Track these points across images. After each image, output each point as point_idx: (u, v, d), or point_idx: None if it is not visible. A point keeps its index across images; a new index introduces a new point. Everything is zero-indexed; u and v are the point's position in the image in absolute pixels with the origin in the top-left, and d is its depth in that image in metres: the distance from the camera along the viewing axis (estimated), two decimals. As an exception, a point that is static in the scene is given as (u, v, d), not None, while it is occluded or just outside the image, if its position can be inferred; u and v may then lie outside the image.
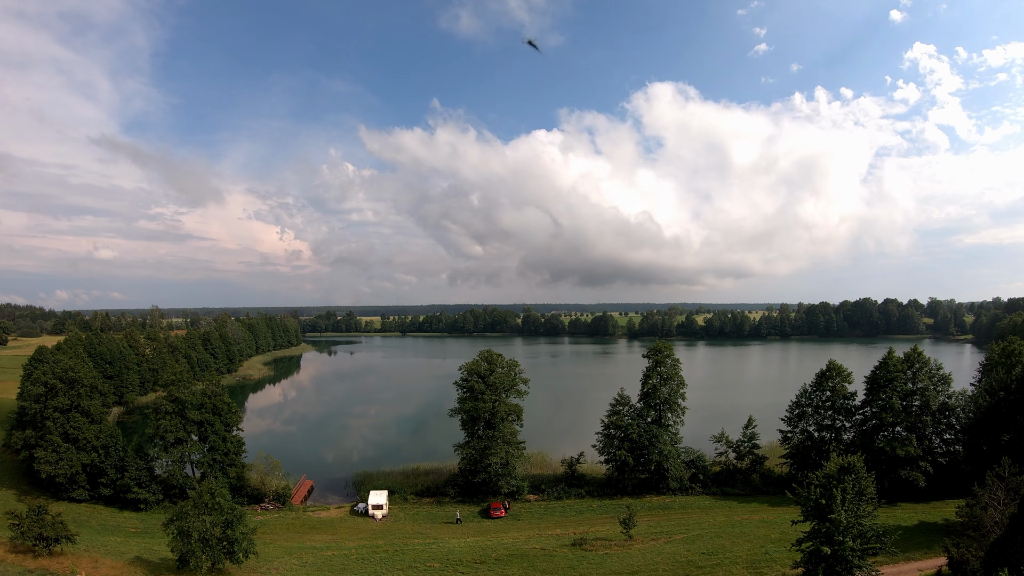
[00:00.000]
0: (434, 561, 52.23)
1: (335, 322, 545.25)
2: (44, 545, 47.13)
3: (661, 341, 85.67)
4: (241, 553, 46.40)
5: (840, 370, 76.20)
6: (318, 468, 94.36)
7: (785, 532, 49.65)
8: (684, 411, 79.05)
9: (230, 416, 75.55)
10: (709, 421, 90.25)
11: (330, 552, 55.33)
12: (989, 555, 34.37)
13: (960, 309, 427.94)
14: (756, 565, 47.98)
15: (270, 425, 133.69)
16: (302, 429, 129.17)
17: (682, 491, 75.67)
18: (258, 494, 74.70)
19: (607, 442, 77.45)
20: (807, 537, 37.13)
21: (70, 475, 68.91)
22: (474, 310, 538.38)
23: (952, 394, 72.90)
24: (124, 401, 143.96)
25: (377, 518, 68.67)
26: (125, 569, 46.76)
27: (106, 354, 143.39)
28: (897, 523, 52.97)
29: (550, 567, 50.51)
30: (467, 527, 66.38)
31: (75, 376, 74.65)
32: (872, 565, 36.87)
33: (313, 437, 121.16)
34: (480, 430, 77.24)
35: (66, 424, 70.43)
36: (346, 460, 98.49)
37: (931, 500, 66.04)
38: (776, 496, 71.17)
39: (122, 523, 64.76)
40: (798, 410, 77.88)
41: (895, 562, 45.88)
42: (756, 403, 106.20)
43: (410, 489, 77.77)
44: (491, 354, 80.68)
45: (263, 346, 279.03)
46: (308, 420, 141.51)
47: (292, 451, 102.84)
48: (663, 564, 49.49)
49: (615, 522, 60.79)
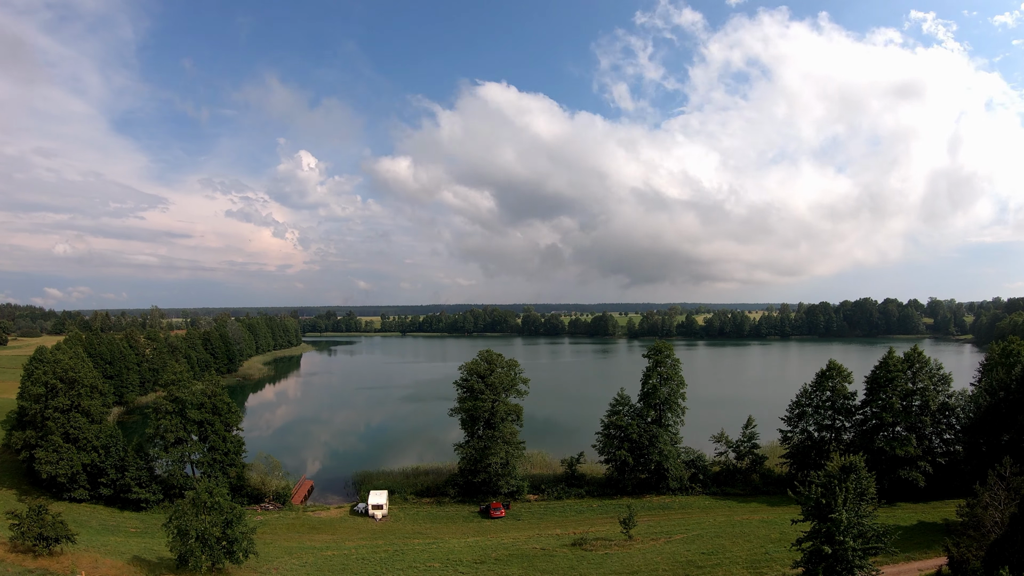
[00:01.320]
0: (434, 561, 52.24)
1: (335, 322, 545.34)
2: (44, 545, 47.16)
3: (661, 341, 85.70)
4: (241, 553, 46.40)
5: (840, 370, 76.18)
6: (318, 468, 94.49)
7: (785, 532, 49.65)
8: (684, 411, 79.07)
9: (230, 416, 75.55)
10: (709, 421, 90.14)
11: (330, 552, 55.33)
12: (989, 555, 34.36)
13: (960, 309, 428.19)
14: (756, 565, 48.00)
15: (270, 425, 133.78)
16: (302, 429, 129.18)
17: (682, 491, 75.66)
18: (258, 494, 74.69)
19: (607, 442, 77.44)
20: (807, 537, 37.14)
21: (70, 475, 68.94)
22: (474, 310, 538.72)
23: (952, 394, 72.95)
24: (124, 401, 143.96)
25: (377, 518, 68.64)
26: (125, 569, 46.76)
27: (106, 354, 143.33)
28: (897, 523, 52.86)
29: (550, 567, 50.52)
30: (467, 527, 66.36)
31: (75, 376, 74.67)
32: (872, 565, 36.87)
33: (313, 437, 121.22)
34: (480, 430, 77.26)
35: (66, 424, 70.45)
36: (346, 460, 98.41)
37: (931, 500, 66.05)
38: (776, 496, 71.15)
39: (122, 523, 64.79)
40: (798, 410, 77.88)
41: (895, 562, 45.88)
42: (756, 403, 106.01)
43: (410, 489, 77.74)
44: (491, 354, 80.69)
45: (263, 346, 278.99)
46: (308, 420, 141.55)
47: (292, 451, 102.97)
48: (663, 564, 49.50)
49: (615, 522, 60.78)
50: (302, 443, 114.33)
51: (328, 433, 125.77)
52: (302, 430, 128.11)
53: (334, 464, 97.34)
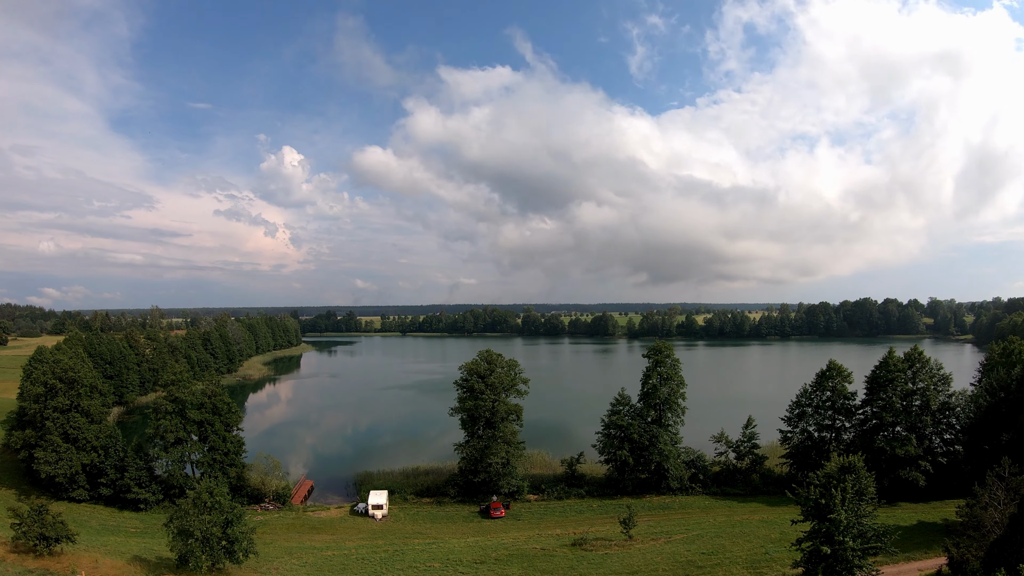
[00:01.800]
0: (434, 561, 52.24)
1: (335, 322, 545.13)
2: (45, 545, 47.14)
3: (661, 341, 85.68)
4: (241, 553, 46.40)
5: (840, 370, 76.22)
6: (318, 468, 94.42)
7: (785, 532, 49.62)
8: (684, 411, 79.09)
9: (230, 416, 75.55)
10: (709, 421, 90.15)
11: (330, 552, 55.33)
12: (989, 555, 34.39)
13: (960, 309, 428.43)
14: (756, 565, 47.99)
15: (270, 425, 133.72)
16: (302, 429, 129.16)
17: (682, 491, 75.67)
18: (258, 494, 74.69)
19: (607, 442, 77.45)
20: (807, 537, 37.14)
21: (70, 475, 68.93)
22: (474, 310, 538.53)
23: (952, 394, 72.98)
24: (124, 401, 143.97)
25: (377, 518, 68.64)
26: (125, 569, 46.76)
27: (106, 354, 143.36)
28: (897, 523, 52.82)
29: (550, 567, 50.52)
30: (467, 527, 66.38)
31: (75, 376, 74.62)
32: (872, 565, 36.88)
33: (313, 437, 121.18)
34: (480, 430, 77.27)
35: (66, 424, 70.41)
36: (346, 460, 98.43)
37: (931, 500, 66.07)
38: (776, 496, 71.13)
39: (122, 523, 64.81)
40: (798, 410, 77.91)
41: (895, 562, 45.85)
42: (756, 403, 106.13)
43: (410, 489, 77.74)
44: (491, 354, 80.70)
45: (263, 346, 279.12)
46: (308, 420, 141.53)
47: (292, 451, 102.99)
48: (663, 564, 49.50)
49: (615, 522, 60.77)
50: (302, 443, 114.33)
51: (328, 433, 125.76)
52: (302, 430, 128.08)
53: (334, 464, 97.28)
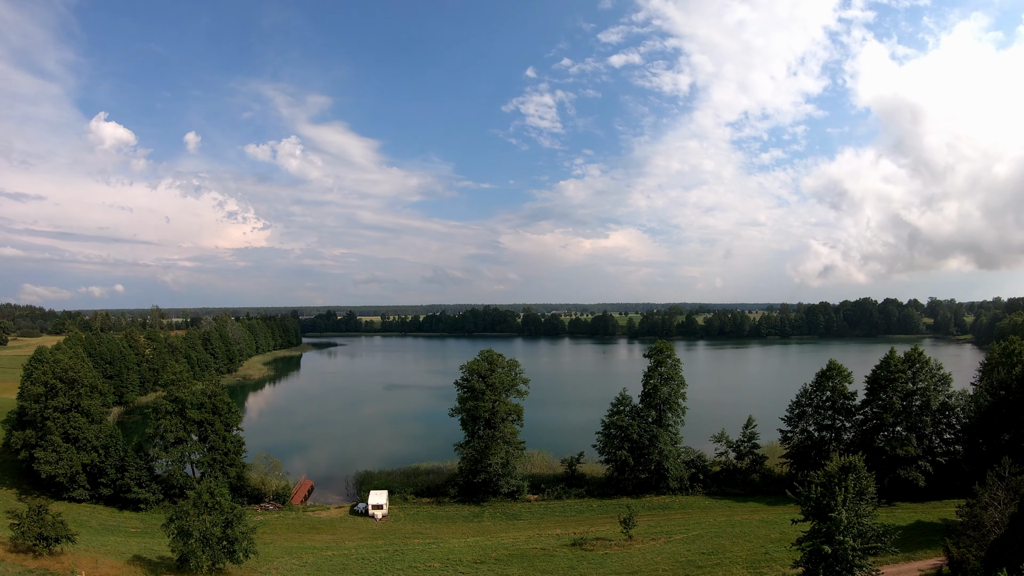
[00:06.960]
0: (434, 561, 52.24)
1: (335, 322, 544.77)
2: (44, 545, 47.13)
3: (662, 341, 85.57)
4: (241, 553, 46.43)
5: (840, 370, 76.19)
6: (318, 468, 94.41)
7: (785, 532, 49.59)
8: (684, 411, 79.06)
9: (230, 416, 75.56)
10: (709, 421, 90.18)
11: (330, 552, 55.34)
12: (989, 555, 34.36)
13: (960, 309, 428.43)
14: (756, 565, 47.98)
15: (270, 425, 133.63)
16: (302, 429, 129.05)
17: (682, 491, 75.66)
18: (258, 494, 74.70)
19: (607, 442, 77.43)
20: (807, 536, 37.10)
21: (70, 475, 68.93)
22: (474, 310, 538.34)
23: (952, 394, 72.90)
24: (124, 401, 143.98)
25: (377, 518, 68.64)
26: (125, 569, 46.78)
27: (106, 354, 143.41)
28: (896, 523, 52.77)
29: (550, 567, 50.51)
30: (467, 527, 66.36)
31: (75, 376, 74.67)
32: (872, 565, 36.85)
33: (313, 437, 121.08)
34: (480, 430, 77.24)
35: (66, 424, 70.45)
36: (346, 460, 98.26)
37: (930, 500, 66.02)
38: (776, 496, 71.03)
39: (122, 523, 64.83)
40: (798, 410, 77.91)
41: (895, 562, 45.84)
42: (756, 403, 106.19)
43: (410, 489, 77.71)
44: (491, 354, 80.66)
45: (263, 346, 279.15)
46: (308, 420, 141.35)
47: (292, 451, 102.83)
48: (663, 564, 49.49)
49: (615, 522, 60.75)
50: (302, 443, 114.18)
51: (328, 433, 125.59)
52: (302, 430, 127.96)
53: (334, 464, 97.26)
